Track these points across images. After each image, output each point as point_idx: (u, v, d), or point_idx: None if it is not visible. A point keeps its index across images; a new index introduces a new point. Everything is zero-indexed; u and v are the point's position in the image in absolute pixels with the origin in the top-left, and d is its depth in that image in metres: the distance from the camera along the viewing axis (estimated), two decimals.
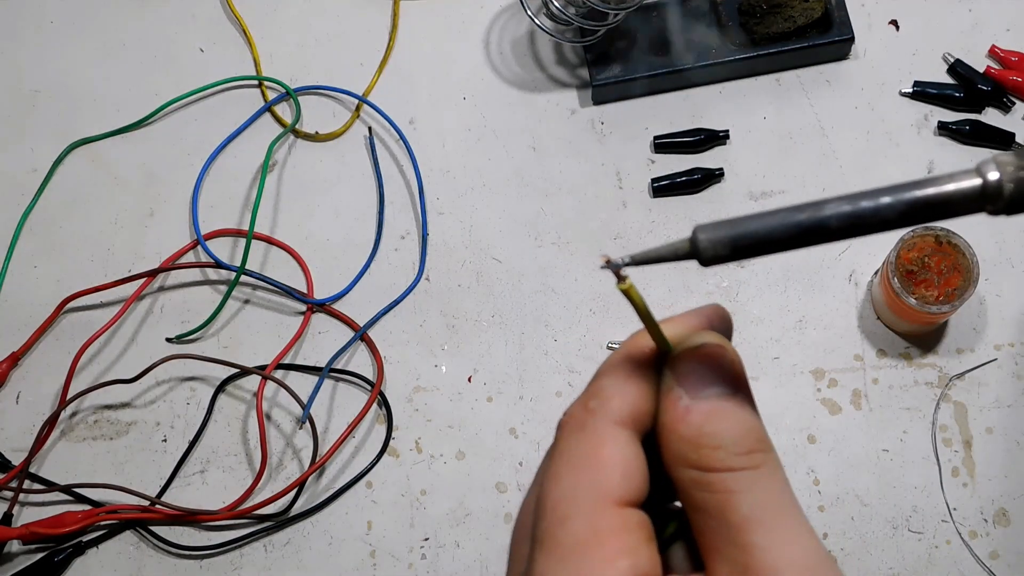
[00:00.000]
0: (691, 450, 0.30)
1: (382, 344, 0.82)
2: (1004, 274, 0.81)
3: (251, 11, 0.92)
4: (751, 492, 0.30)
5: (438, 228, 0.85)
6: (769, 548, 0.29)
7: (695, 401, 0.31)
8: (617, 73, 0.85)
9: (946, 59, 0.86)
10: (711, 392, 0.31)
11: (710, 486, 0.30)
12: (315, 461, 0.79)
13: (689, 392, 0.31)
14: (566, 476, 0.31)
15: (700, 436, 0.30)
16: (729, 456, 0.30)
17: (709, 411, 0.31)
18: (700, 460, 0.30)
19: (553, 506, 0.30)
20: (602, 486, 0.30)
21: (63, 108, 0.90)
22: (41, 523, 0.77)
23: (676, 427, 0.31)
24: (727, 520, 0.29)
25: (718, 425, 0.30)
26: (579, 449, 0.31)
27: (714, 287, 0.82)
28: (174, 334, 0.83)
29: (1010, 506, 0.76)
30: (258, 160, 0.87)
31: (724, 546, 0.29)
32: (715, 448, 0.30)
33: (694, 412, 0.31)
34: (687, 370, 0.31)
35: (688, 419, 0.31)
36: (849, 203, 0.30)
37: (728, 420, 0.31)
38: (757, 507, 0.30)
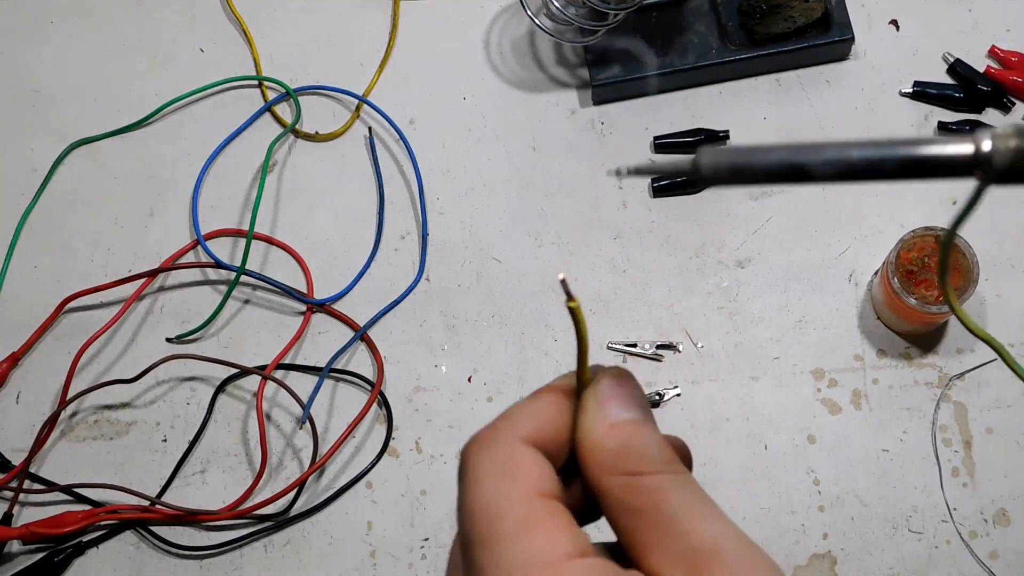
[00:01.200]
0: (620, 459, 0.33)
1: (382, 344, 0.82)
2: (1004, 274, 0.81)
3: (251, 11, 0.92)
4: (680, 490, 0.33)
5: (438, 228, 0.85)
6: (704, 529, 0.31)
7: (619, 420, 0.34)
8: (617, 73, 0.85)
9: (946, 59, 0.86)
10: (630, 414, 0.34)
11: (641, 488, 0.33)
12: (315, 461, 0.79)
13: (611, 413, 0.34)
14: (489, 481, 0.33)
15: (627, 448, 0.33)
16: (654, 463, 0.33)
17: (633, 428, 0.34)
18: (628, 467, 0.33)
19: (483, 508, 0.32)
20: (526, 482, 0.33)
21: (63, 108, 0.90)
22: (41, 523, 0.77)
23: (603, 441, 0.34)
24: (661, 514, 0.32)
25: (642, 439, 0.34)
26: (495, 458, 0.33)
27: (714, 287, 0.82)
28: (174, 334, 0.83)
29: (1010, 506, 0.76)
30: (258, 160, 0.87)
31: (660, 538, 0.32)
32: (642, 456, 0.33)
33: (619, 428, 0.34)
34: (610, 394, 0.35)
35: (614, 433, 0.34)
36: (848, 149, 0.31)
37: (648, 436, 0.34)
38: (687, 500, 0.32)
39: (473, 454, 0.34)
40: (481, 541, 0.32)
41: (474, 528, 0.32)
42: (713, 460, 0.78)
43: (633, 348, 0.80)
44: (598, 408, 0.34)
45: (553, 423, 0.35)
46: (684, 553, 0.31)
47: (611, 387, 0.35)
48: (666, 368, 0.80)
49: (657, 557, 0.32)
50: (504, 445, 0.34)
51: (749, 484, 0.77)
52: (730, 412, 0.79)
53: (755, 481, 0.77)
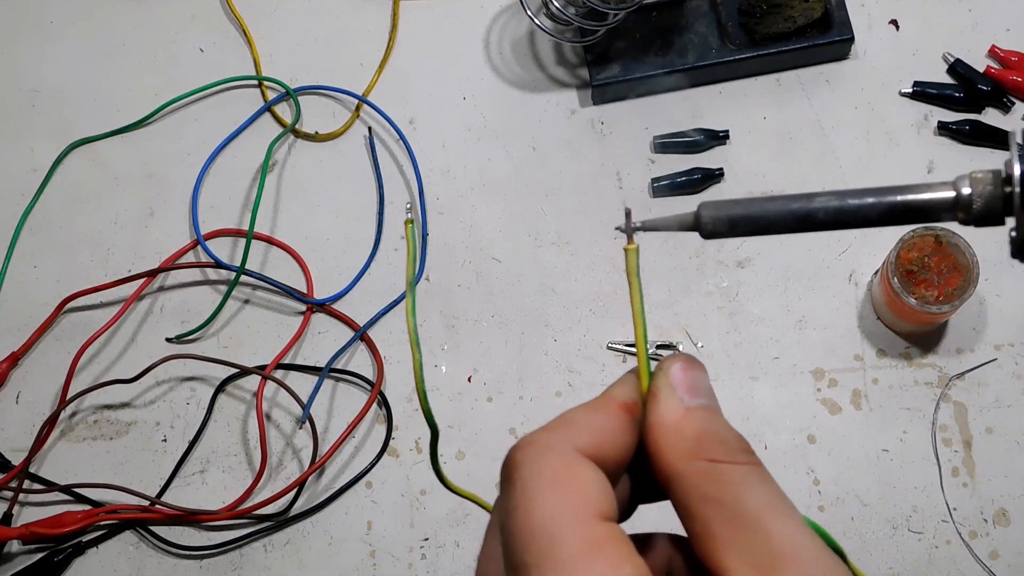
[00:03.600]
0: (698, 446, 0.32)
1: (382, 344, 0.82)
2: (1004, 274, 0.81)
3: (251, 11, 0.92)
4: (761, 485, 0.31)
5: (438, 228, 0.85)
6: (786, 533, 0.30)
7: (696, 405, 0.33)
8: (617, 73, 0.85)
9: (946, 59, 0.86)
10: (702, 401, 0.33)
11: (722, 476, 0.31)
12: (315, 461, 0.79)
13: (685, 399, 0.33)
14: (546, 497, 0.30)
15: (704, 433, 0.32)
16: (734, 451, 0.32)
17: (708, 414, 0.33)
18: (709, 453, 0.31)
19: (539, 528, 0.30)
20: (588, 503, 0.30)
21: (63, 108, 0.90)
22: (41, 523, 0.77)
23: (680, 426, 0.32)
24: (743, 509, 0.30)
25: (718, 426, 0.32)
26: (553, 470, 0.31)
27: (714, 287, 0.82)
28: (174, 334, 0.83)
29: (1010, 506, 0.76)
30: (258, 160, 0.87)
31: (739, 534, 0.30)
32: (721, 443, 0.32)
33: (695, 413, 0.32)
34: (682, 379, 0.33)
35: (691, 419, 0.32)
36: (837, 198, 0.33)
37: (723, 424, 0.33)
38: (769, 497, 0.31)
39: (528, 461, 0.31)
40: (536, 565, 0.29)
41: (528, 550, 0.30)
42: None
43: (633, 348, 0.80)
44: (672, 393, 0.33)
45: (614, 438, 0.33)
46: (761, 553, 0.30)
47: (683, 372, 0.34)
48: None
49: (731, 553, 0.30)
50: (563, 456, 0.31)
51: None
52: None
53: None
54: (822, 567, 0.30)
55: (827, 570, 0.30)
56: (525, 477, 0.31)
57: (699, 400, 0.33)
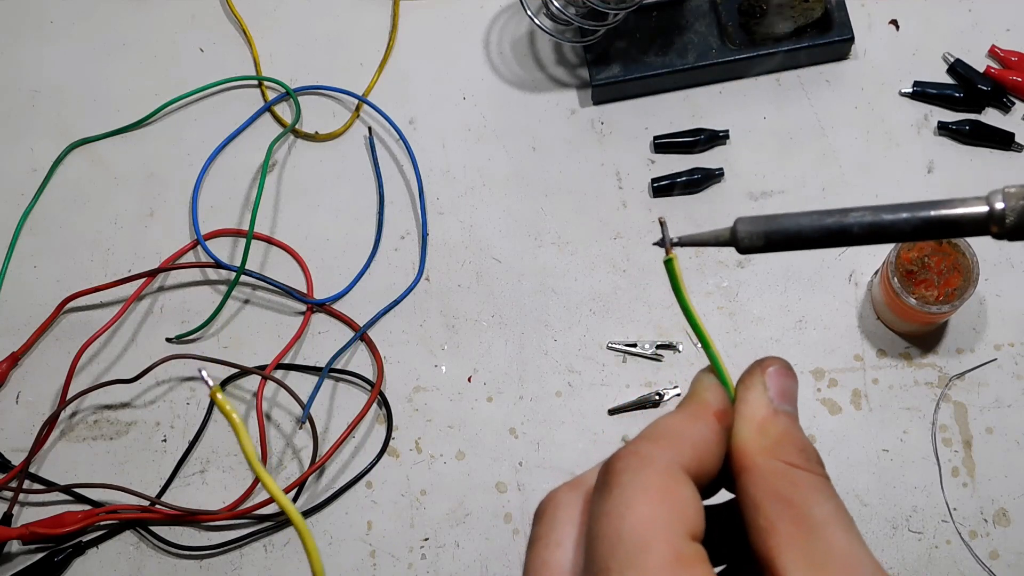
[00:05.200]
0: (780, 446, 0.33)
1: (382, 344, 0.82)
2: (1004, 274, 0.81)
3: (251, 11, 0.92)
4: (830, 498, 0.32)
5: (438, 228, 0.85)
6: (847, 549, 0.31)
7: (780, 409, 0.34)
8: (617, 73, 0.85)
9: (946, 59, 0.86)
10: (788, 407, 0.35)
11: (800, 480, 0.32)
12: (315, 461, 0.79)
13: (776, 400, 0.34)
14: (642, 505, 0.31)
15: (787, 435, 0.33)
16: (809, 461, 0.33)
17: (791, 421, 0.34)
18: (789, 456, 0.33)
19: (631, 532, 0.30)
20: (682, 518, 0.31)
21: (63, 108, 0.90)
22: (41, 523, 0.77)
23: (768, 424, 0.34)
24: (812, 514, 0.31)
25: (800, 434, 0.34)
26: (652, 482, 0.31)
27: (714, 287, 0.82)
28: (174, 334, 0.83)
29: (1010, 506, 0.76)
30: (258, 160, 0.87)
31: (804, 537, 0.31)
32: (802, 450, 0.33)
33: (782, 415, 0.34)
34: (776, 381, 0.35)
35: (777, 419, 0.34)
36: (872, 214, 0.34)
37: (803, 434, 0.34)
38: (836, 511, 0.32)
39: (629, 470, 0.32)
40: (620, 569, 0.30)
41: (615, 555, 0.30)
42: None
43: (633, 348, 0.80)
44: (765, 391, 0.35)
45: (712, 452, 0.34)
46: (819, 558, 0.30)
47: (778, 375, 0.35)
48: (666, 368, 0.80)
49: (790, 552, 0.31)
50: (665, 472, 0.32)
51: None
52: None
53: None
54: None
55: None
56: (625, 484, 0.31)
57: (786, 406, 0.34)
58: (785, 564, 0.31)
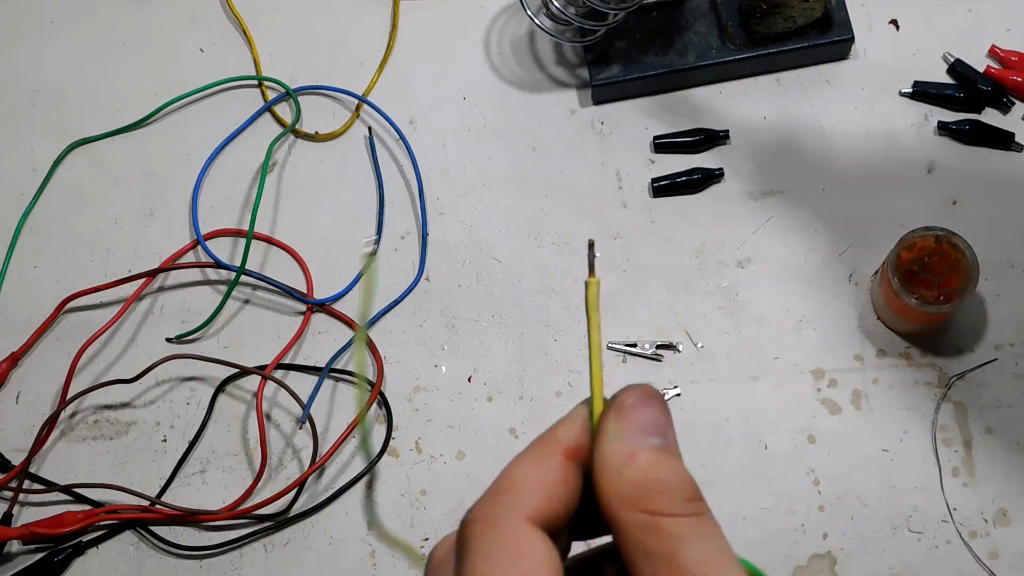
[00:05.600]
0: (642, 495, 0.31)
1: (382, 344, 0.82)
2: (1004, 274, 0.81)
3: (251, 11, 0.92)
4: (700, 539, 0.30)
5: (438, 228, 0.85)
6: None
7: (641, 449, 0.31)
8: (617, 73, 0.85)
9: (946, 59, 0.86)
10: (652, 442, 0.32)
11: (660, 530, 0.30)
12: (315, 461, 0.79)
13: (632, 440, 0.31)
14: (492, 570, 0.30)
15: (647, 480, 0.31)
16: (676, 501, 0.31)
17: (655, 458, 0.31)
18: (649, 504, 0.30)
19: None
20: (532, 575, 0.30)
21: (63, 108, 0.90)
22: (41, 523, 0.77)
23: (622, 471, 0.31)
24: (679, 566, 0.30)
25: (664, 472, 0.31)
26: (497, 547, 0.31)
27: (714, 287, 0.82)
28: (174, 334, 0.83)
29: (1010, 506, 0.76)
30: (258, 160, 0.87)
31: None
32: (663, 492, 0.31)
33: (640, 457, 0.31)
34: (633, 417, 0.32)
35: (635, 463, 0.31)
36: None
37: (671, 468, 0.31)
38: (706, 554, 0.30)
39: (477, 535, 0.31)
40: None
41: None
42: (713, 460, 0.78)
43: (633, 348, 0.80)
44: (619, 432, 0.32)
45: (561, 495, 0.32)
46: None
47: (635, 408, 0.32)
48: (666, 368, 0.80)
49: None
50: (509, 528, 0.31)
51: (749, 484, 0.77)
52: (730, 412, 0.79)
53: (755, 481, 0.77)
54: None
55: None
56: (473, 552, 0.31)
57: (650, 440, 0.32)
58: None
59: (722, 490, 0.77)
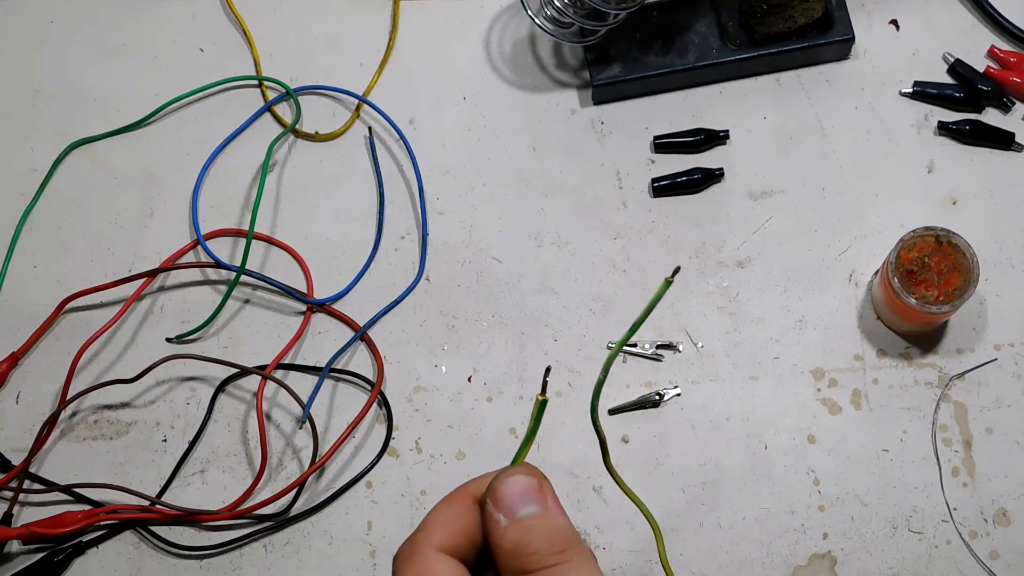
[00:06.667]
0: (513, 559, 0.37)
1: (382, 344, 0.82)
2: (1004, 274, 0.81)
3: (251, 11, 0.92)
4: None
5: (438, 228, 0.85)
6: None
7: (511, 521, 0.38)
8: (617, 73, 0.85)
9: (946, 59, 0.86)
10: (524, 512, 0.38)
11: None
12: (315, 461, 0.79)
13: (506, 515, 0.38)
14: None
15: (518, 545, 0.38)
16: (544, 557, 0.37)
17: (523, 527, 0.38)
18: (522, 565, 0.37)
19: None
20: None
21: (63, 108, 0.90)
22: (41, 523, 0.77)
23: (500, 544, 0.38)
24: None
25: (531, 535, 0.38)
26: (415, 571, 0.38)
27: (714, 287, 0.82)
28: (174, 334, 0.83)
29: (1010, 506, 0.76)
30: (258, 160, 0.87)
31: None
32: (531, 554, 0.37)
33: (511, 530, 0.38)
34: (502, 498, 0.39)
35: (507, 536, 0.38)
36: None
37: (538, 530, 0.38)
38: None
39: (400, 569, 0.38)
40: None
41: None
42: (713, 460, 0.78)
43: (633, 348, 0.80)
44: (494, 512, 0.39)
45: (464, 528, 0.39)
46: None
47: (503, 488, 0.39)
48: (666, 368, 0.80)
49: None
50: (421, 557, 0.38)
51: (749, 484, 0.77)
52: (730, 412, 0.79)
53: (755, 481, 0.77)
54: None
55: None
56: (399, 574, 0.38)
57: (521, 512, 0.38)
58: None
59: (722, 490, 0.77)
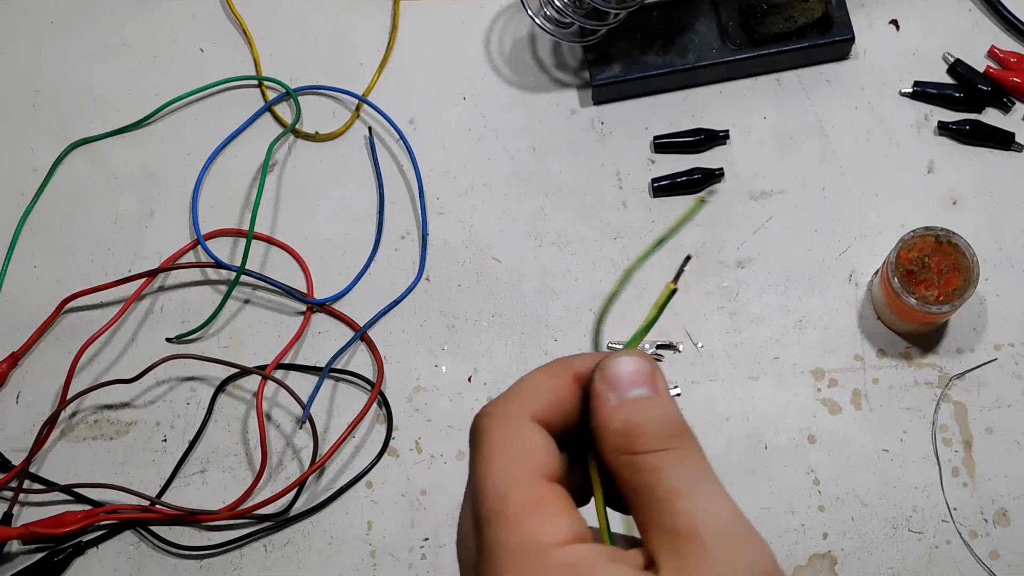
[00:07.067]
0: (621, 439, 0.35)
1: (382, 344, 0.82)
2: (1004, 274, 0.81)
3: (251, 11, 0.92)
4: (674, 467, 0.34)
5: (438, 228, 0.85)
6: (691, 512, 0.33)
7: (621, 401, 0.36)
8: (617, 73, 0.85)
9: (946, 59, 0.86)
10: (635, 393, 0.36)
11: (639, 466, 0.34)
12: (315, 461, 0.79)
13: (616, 394, 0.36)
14: (498, 460, 0.35)
15: (627, 425, 0.35)
16: (652, 439, 0.35)
17: (633, 408, 0.36)
18: (629, 446, 0.35)
19: (492, 487, 0.34)
20: (532, 464, 0.35)
21: (63, 108, 0.90)
22: (41, 523, 0.77)
23: (608, 423, 0.35)
24: (655, 493, 0.34)
25: (642, 416, 0.35)
26: (505, 436, 0.35)
27: (714, 287, 0.82)
28: (174, 334, 0.83)
29: (1010, 506, 0.76)
30: (258, 160, 0.87)
31: (655, 516, 0.34)
32: (640, 435, 0.35)
33: (621, 409, 0.36)
34: (613, 374, 0.36)
35: (616, 414, 0.35)
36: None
37: (649, 412, 0.35)
38: (679, 479, 0.34)
39: (485, 429, 0.36)
40: (488, 519, 0.34)
41: (483, 505, 0.34)
42: (713, 460, 0.78)
43: None
44: (604, 390, 0.36)
45: (562, 403, 0.37)
46: (671, 534, 0.33)
47: (615, 367, 0.36)
48: (666, 368, 0.80)
49: (652, 539, 0.34)
50: (514, 423, 0.36)
51: (749, 484, 0.77)
52: (730, 412, 0.79)
53: (755, 481, 0.77)
54: (730, 545, 0.32)
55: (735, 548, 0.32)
56: (482, 443, 0.35)
57: (632, 393, 0.36)
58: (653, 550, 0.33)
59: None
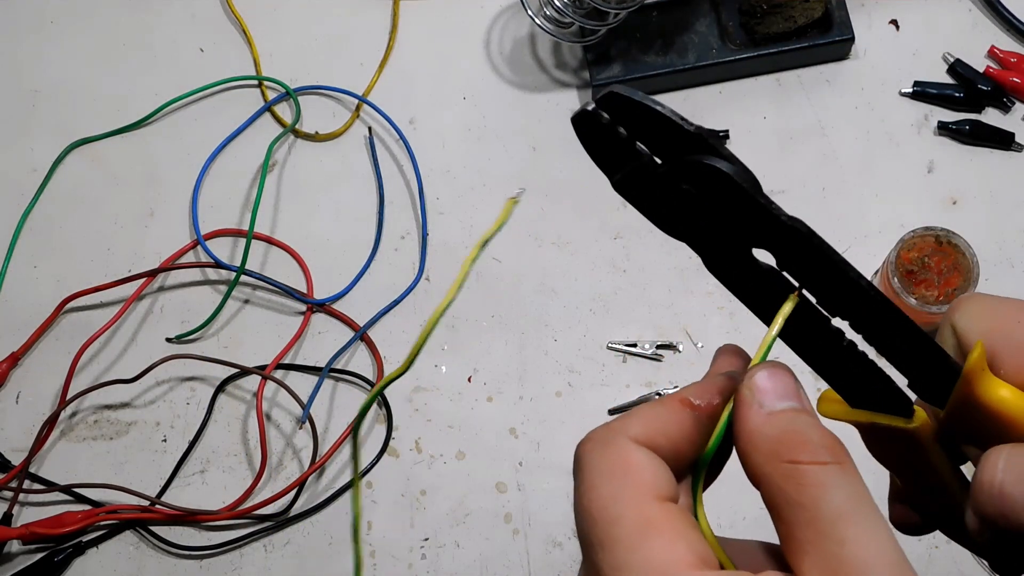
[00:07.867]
0: (779, 446, 0.32)
1: (382, 344, 0.82)
2: (1004, 274, 0.81)
3: (251, 11, 0.92)
4: (841, 487, 0.31)
5: (438, 228, 0.85)
6: (860, 542, 0.30)
7: (772, 411, 0.34)
8: (617, 73, 0.85)
9: (946, 59, 0.86)
10: (787, 404, 0.34)
11: (803, 478, 0.31)
12: (315, 461, 0.79)
13: (768, 403, 0.34)
14: (603, 485, 0.33)
15: (787, 433, 0.33)
16: (817, 449, 0.32)
17: (789, 417, 0.33)
18: (791, 454, 0.32)
19: (600, 513, 0.32)
20: (640, 483, 0.33)
21: (63, 108, 0.90)
22: (41, 523, 0.77)
23: (762, 428, 0.33)
24: (820, 513, 0.31)
25: (802, 425, 0.33)
26: (607, 461, 0.33)
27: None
28: (174, 334, 0.83)
29: None
30: (258, 160, 0.87)
31: (815, 539, 0.31)
32: (803, 443, 0.32)
33: (777, 416, 0.33)
34: (764, 385, 0.35)
35: (772, 422, 0.33)
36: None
37: (810, 424, 0.33)
38: (848, 501, 0.31)
39: (587, 453, 0.34)
40: (600, 544, 0.32)
41: (593, 531, 0.32)
42: None
43: (633, 348, 0.80)
44: (754, 398, 0.34)
45: (667, 429, 0.35)
46: (835, 562, 0.30)
47: (765, 378, 0.35)
48: (666, 368, 0.80)
49: (808, 560, 0.31)
50: (616, 446, 0.34)
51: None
52: None
53: None
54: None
55: None
56: (585, 469, 0.34)
57: (784, 404, 0.34)
58: (804, 572, 0.31)
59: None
